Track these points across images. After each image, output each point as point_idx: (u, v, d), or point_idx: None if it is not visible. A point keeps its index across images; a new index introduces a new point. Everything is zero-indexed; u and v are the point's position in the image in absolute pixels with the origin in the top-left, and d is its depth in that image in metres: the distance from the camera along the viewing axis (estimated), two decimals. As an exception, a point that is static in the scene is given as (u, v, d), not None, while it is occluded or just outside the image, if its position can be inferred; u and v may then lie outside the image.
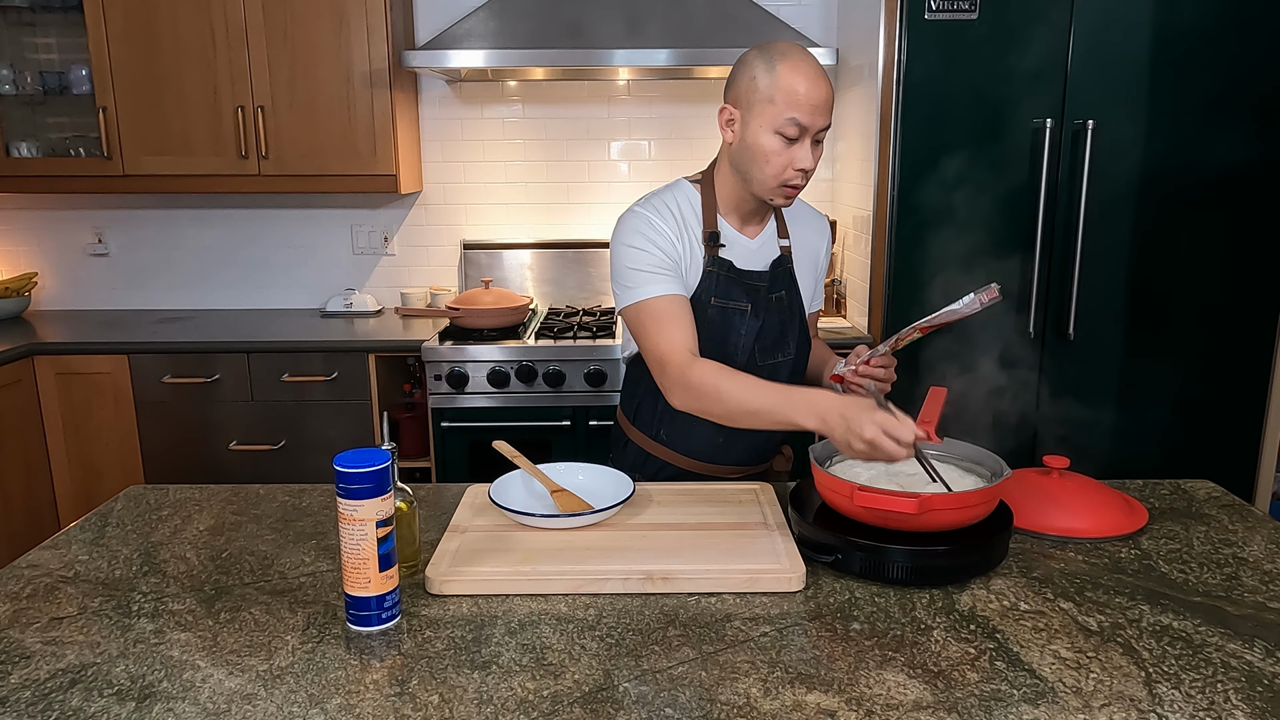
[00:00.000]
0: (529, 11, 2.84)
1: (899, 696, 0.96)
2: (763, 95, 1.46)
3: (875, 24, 2.64)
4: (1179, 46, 2.53)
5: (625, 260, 1.54)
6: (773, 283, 1.62)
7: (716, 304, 1.56)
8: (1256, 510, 1.46)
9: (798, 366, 1.69)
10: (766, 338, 1.62)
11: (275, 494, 1.56)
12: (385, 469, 1.08)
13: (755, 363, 1.62)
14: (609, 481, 1.46)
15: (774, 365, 1.64)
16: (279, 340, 2.85)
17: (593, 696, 0.97)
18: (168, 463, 2.87)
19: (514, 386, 2.73)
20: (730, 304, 1.58)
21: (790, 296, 1.65)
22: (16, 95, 3.07)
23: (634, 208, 1.58)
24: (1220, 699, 0.96)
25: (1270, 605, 1.15)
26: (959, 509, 1.22)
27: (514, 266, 3.32)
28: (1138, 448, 2.75)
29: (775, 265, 1.63)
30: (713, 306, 1.56)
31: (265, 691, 0.98)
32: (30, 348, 2.80)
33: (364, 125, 2.97)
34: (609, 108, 3.29)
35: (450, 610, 1.15)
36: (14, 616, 1.15)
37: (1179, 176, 2.60)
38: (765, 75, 1.46)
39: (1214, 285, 2.67)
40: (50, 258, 3.41)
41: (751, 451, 1.69)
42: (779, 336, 1.64)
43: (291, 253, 3.40)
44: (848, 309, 3.08)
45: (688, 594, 1.18)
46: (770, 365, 1.63)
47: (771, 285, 1.62)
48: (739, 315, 1.59)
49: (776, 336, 1.64)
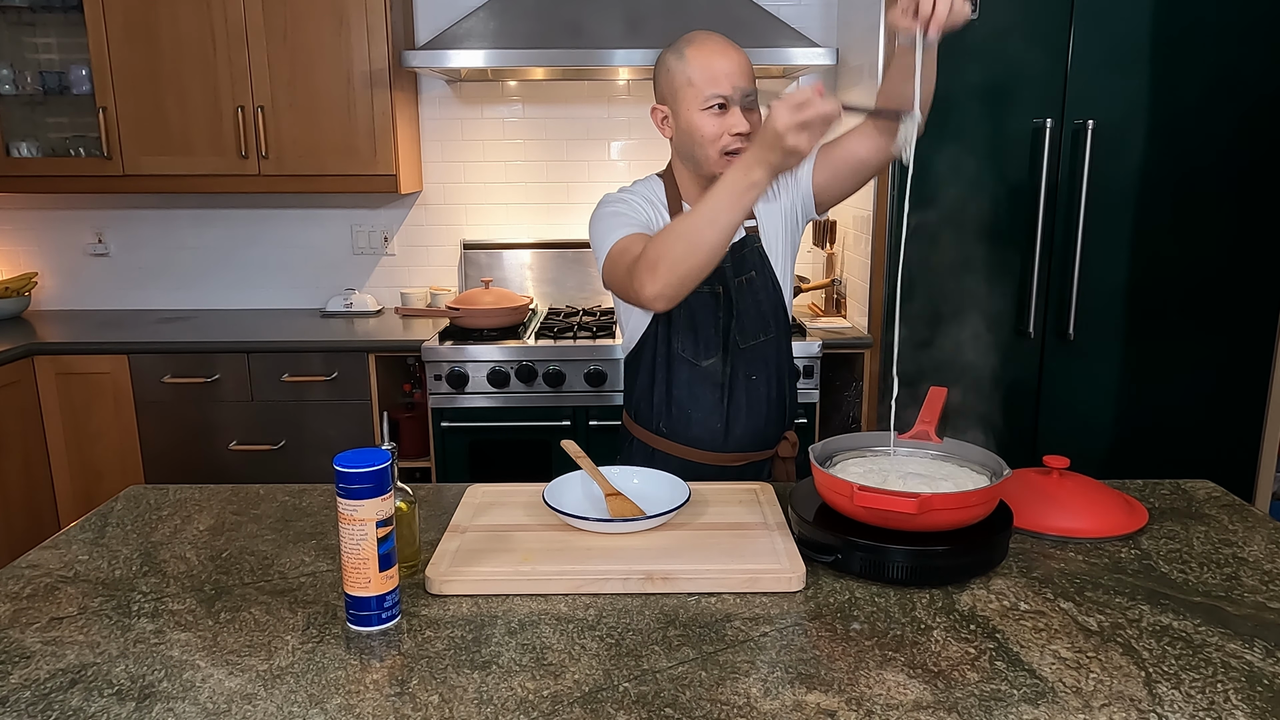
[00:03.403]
0: (529, 11, 2.84)
1: (899, 696, 0.96)
2: (681, 81, 1.55)
3: (875, 24, 2.64)
4: (1179, 46, 2.53)
5: (599, 227, 1.59)
6: (738, 264, 1.65)
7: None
8: (1256, 510, 1.46)
9: (782, 345, 1.71)
10: (744, 319, 1.65)
11: (275, 494, 1.56)
12: (385, 469, 1.08)
13: (737, 345, 1.65)
14: (664, 486, 1.44)
15: (756, 346, 1.67)
16: (279, 340, 2.85)
17: (593, 696, 0.97)
18: (168, 463, 2.87)
19: (514, 386, 2.73)
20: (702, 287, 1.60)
21: (763, 276, 1.67)
22: (16, 95, 3.07)
23: (605, 195, 1.67)
24: (1220, 699, 0.96)
25: (1270, 605, 1.15)
26: (959, 509, 1.22)
27: (514, 266, 3.32)
28: (1138, 448, 2.75)
29: (739, 246, 1.65)
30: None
31: (265, 691, 0.98)
32: (30, 348, 2.80)
33: (364, 125, 2.97)
34: (609, 108, 3.29)
35: (450, 610, 1.15)
36: (14, 616, 1.15)
37: (1179, 176, 2.61)
38: (678, 63, 1.56)
39: (1214, 285, 2.67)
40: (50, 258, 3.41)
41: (753, 435, 1.70)
42: (757, 316, 1.67)
43: (291, 253, 3.40)
44: (848, 309, 3.08)
45: (688, 594, 1.18)
46: (752, 346, 1.67)
47: (737, 267, 1.65)
48: (711, 298, 1.63)
49: (754, 317, 1.66)
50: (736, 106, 1.54)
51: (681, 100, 1.56)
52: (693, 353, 1.66)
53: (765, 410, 1.70)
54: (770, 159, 1.30)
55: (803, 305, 3.30)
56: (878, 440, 1.44)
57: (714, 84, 1.53)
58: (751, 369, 1.67)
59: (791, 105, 1.25)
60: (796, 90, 1.27)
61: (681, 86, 1.56)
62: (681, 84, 1.56)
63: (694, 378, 1.66)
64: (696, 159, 1.59)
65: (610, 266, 1.54)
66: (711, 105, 1.53)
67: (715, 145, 1.55)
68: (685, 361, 1.66)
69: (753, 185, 1.32)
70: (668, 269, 1.38)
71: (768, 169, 1.31)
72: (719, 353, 1.66)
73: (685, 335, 1.65)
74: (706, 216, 1.36)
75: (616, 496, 1.41)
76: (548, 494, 1.38)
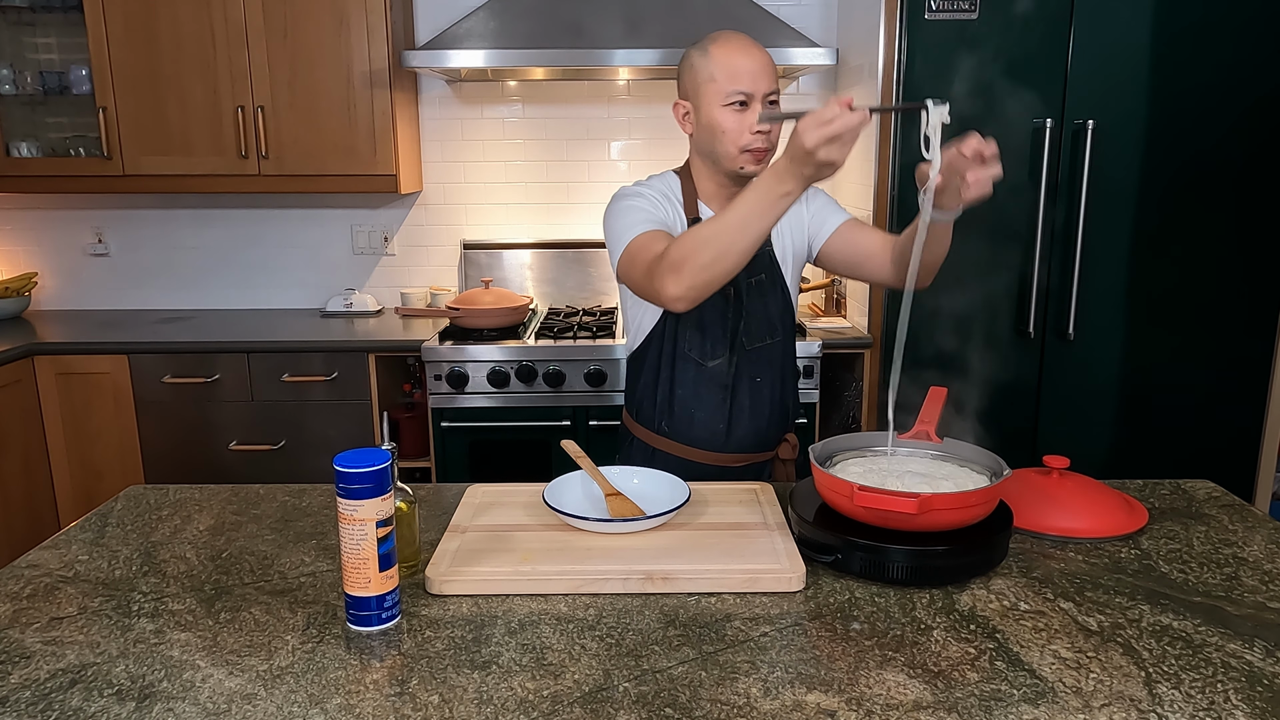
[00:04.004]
0: (529, 11, 2.84)
1: (899, 696, 0.96)
2: (704, 77, 1.57)
3: (875, 24, 2.64)
4: (1179, 46, 2.53)
5: (617, 222, 1.58)
6: (750, 266, 1.64)
7: None
8: (1256, 510, 1.46)
9: (787, 348, 1.72)
10: (753, 321, 1.66)
11: (275, 494, 1.56)
12: (385, 469, 1.08)
13: (744, 346, 1.66)
14: (663, 486, 1.44)
15: (763, 348, 1.68)
16: (279, 340, 2.85)
17: (593, 696, 0.97)
18: (168, 463, 2.87)
19: (514, 386, 2.73)
20: None
21: (772, 279, 1.68)
22: (16, 95, 3.07)
23: (620, 188, 1.66)
24: (1220, 699, 0.96)
25: (1270, 605, 1.15)
26: (959, 509, 1.22)
27: (514, 266, 3.32)
28: (1138, 448, 2.75)
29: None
30: None
31: (265, 691, 0.98)
32: (30, 348, 2.80)
33: (364, 125, 2.97)
34: (609, 108, 3.29)
35: (450, 610, 1.15)
36: (14, 616, 1.15)
37: (1179, 176, 2.61)
38: (702, 60, 1.58)
39: (1214, 285, 2.67)
40: (50, 258, 3.41)
41: (754, 437, 1.70)
42: (765, 319, 1.67)
43: (291, 253, 3.40)
44: (848, 309, 3.08)
45: (688, 594, 1.18)
46: (758, 348, 1.67)
47: (749, 269, 1.64)
48: (722, 299, 1.63)
49: (762, 319, 1.67)
50: (758, 104, 1.55)
51: (704, 96, 1.57)
52: (699, 353, 1.66)
53: (768, 412, 1.70)
54: (804, 172, 1.27)
55: (803, 305, 3.30)
56: (878, 440, 1.45)
57: (736, 81, 1.54)
58: (757, 370, 1.68)
59: (818, 122, 1.23)
60: (824, 107, 1.24)
61: (704, 82, 1.57)
62: (704, 80, 1.57)
63: (699, 378, 1.67)
64: (716, 155, 1.60)
65: (627, 262, 1.53)
66: (733, 102, 1.54)
67: (736, 142, 1.56)
68: (691, 361, 1.66)
69: (785, 195, 1.31)
70: (693, 272, 1.38)
71: (801, 181, 1.29)
72: (726, 353, 1.66)
73: (693, 335, 1.65)
74: (737, 222, 1.34)
75: (616, 496, 1.41)
76: (548, 494, 1.38)
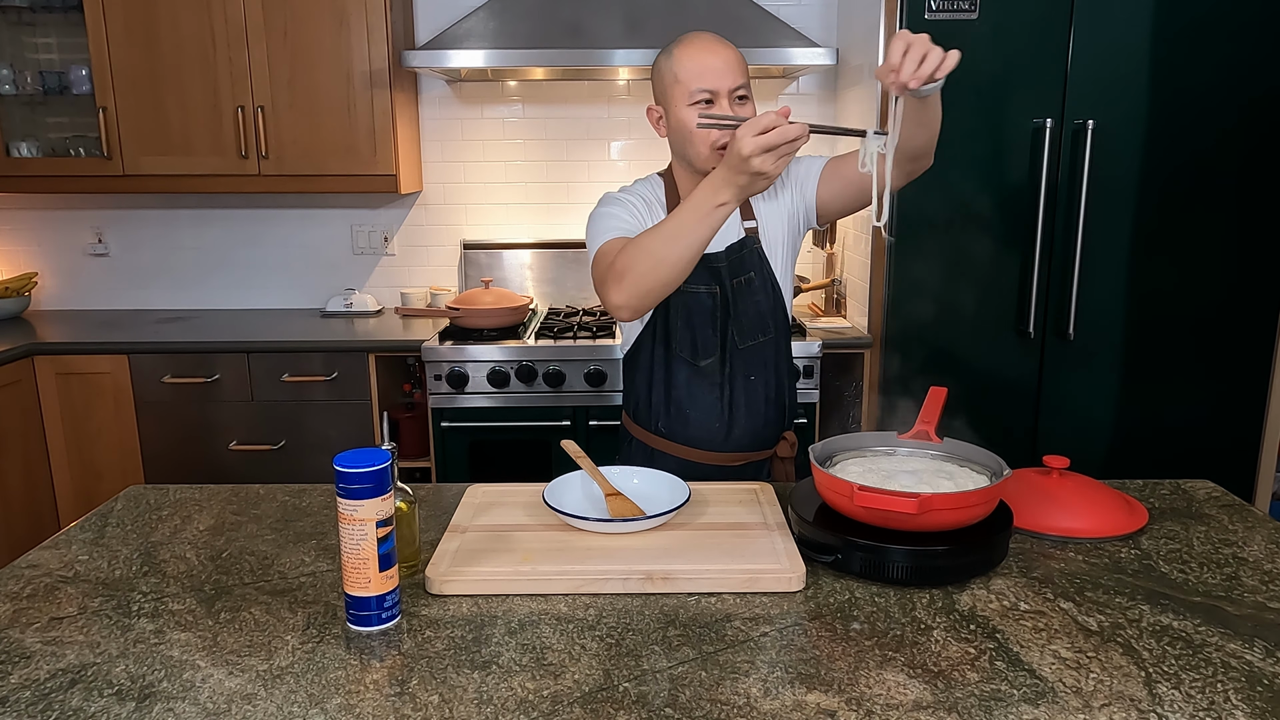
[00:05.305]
0: (529, 11, 2.84)
1: (899, 696, 0.96)
2: (670, 79, 1.58)
3: (875, 24, 2.64)
4: (1178, 46, 2.53)
5: (592, 228, 1.62)
6: (735, 265, 1.66)
7: (683, 288, 1.60)
8: (1256, 510, 1.46)
9: (781, 345, 1.72)
10: (743, 319, 1.66)
11: (275, 494, 1.56)
12: (385, 469, 1.08)
13: (735, 345, 1.66)
14: (663, 486, 1.44)
15: (755, 346, 1.68)
16: (279, 340, 2.85)
17: (593, 696, 0.97)
18: (168, 463, 2.87)
19: (514, 386, 2.73)
20: (698, 288, 1.63)
21: (761, 277, 1.68)
22: (16, 95, 3.07)
23: (605, 194, 1.68)
24: (1220, 699, 0.96)
25: (1270, 605, 1.15)
26: (959, 509, 1.22)
27: (514, 266, 3.32)
28: (1138, 448, 2.75)
29: (737, 248, 1.65)
30: (681, 291, 1.61)
31: (265, 691, 0.98)
32: (30, 348, 2.80)
33: (364, 125, 2.97)
34: (609, 108, 3.29)
35: (450, 610, 1.15)
36: (14, 616, 1.15)
37: (1179, 176, 2.61)
38: (667, 62, 1.59)
39: (1214, 285, 2.67)
40: (50, 258, 3.41)
41: (752, 435, 1.70)
42: (755, 317, 1.67)
43: (291, 253, 3.40)
44: (848, 309, 3.08)
45: (688, 594, 1.18)
46: (751, 347, 1.67)
47: (733, 268, 1.65)
48: (709, 299, 1.64)
49: (753, 317, 1.67)
50: (725, 102, 1.55)
51: (671, 98, 1.59)
52: (690, 353, 1.66)
53: (764, 410, 1.70)
54: (738, 181, 1.32)
55: (803, 305, 3.30)
56: (878, 440, 1.45)
57: (699, 79, 1.55)
58: (750, 369, 1.68)
59: (756, 129, 1.27)
60: (763, 114, 1.28)
61: (670, 84, 1.58)
62: (670, 82, 1.58)
63: (692, 377, 1.67)
64: (688, 156, 1.61)
65: (593, 268, 1.57)
66: (698, 101, 1.55)
67: (705, 141, 1.56)
68: (683, 361, 1.67)
69: (720, 205, 1.35)
70: (632, 281, 1.42)
71: (735, 191, 1.33)
72: (717, 353, 1.66)
73: (683, 335, 1.66)
74: (670, 234, 1.39)
75: (616, 496, 1.41)
76: (548, 494, 1.38)
